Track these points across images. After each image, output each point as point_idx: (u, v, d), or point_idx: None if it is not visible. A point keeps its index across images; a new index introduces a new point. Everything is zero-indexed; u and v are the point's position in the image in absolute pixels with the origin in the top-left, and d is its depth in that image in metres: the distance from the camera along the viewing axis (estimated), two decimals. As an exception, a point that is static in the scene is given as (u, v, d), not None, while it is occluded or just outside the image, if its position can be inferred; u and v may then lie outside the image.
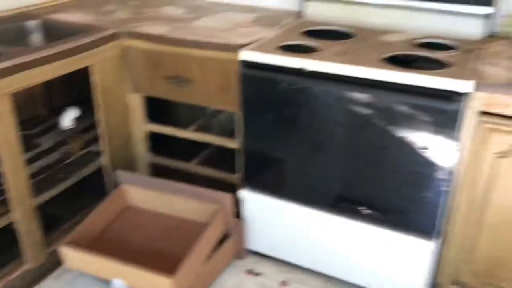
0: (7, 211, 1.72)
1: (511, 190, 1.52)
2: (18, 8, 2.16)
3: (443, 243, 1.70)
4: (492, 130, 1.48)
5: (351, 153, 1.69)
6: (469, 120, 1.50)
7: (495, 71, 1.54)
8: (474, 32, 1.85)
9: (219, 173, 2.09)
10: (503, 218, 1.57)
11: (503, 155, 1.50)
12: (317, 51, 1.73)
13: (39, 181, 1.89)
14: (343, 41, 1.83)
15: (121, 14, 2.19)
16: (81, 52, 1.80)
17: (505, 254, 1.61)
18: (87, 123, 2.21)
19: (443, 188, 1.58)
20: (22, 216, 1.74)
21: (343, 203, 1.77)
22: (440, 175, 1.57)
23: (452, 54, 1.69)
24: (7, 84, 1.57)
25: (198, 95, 1.92)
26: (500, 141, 1.48)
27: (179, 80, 1.92)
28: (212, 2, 2.38)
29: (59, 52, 1.72)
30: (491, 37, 1.86)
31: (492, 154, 1.51)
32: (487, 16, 1.82)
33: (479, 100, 1.46)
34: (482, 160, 1.53)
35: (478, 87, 1.45)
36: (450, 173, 1.56)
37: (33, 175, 1.88)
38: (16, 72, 1.59)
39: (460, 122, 1.49)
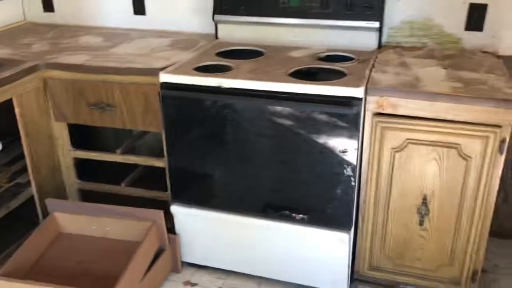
0: None
1: (406, 179, 1.75)
2: None
3: (358, 234, 1.89)
4: (388, 128, 1.70)
5: (271, 163, 1.84)
6: (368, 121, 1.71)
7: (385, 77, 1.76)
8: (368, 44, 2.08)
9: (151, 192, 2.17)
10: (403, 204, 1.79)
11: (399, 149, 1.71)
12: (231, 69, 1.88)
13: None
14: (254, 59, 1.99)
15: (39, 46, 2.23)
16: (1, 86, 1.83)
17: (411, 236, 1.83)
18: (13, 155, 2.21)
19: (353, 184, 1.77)
20: (-49, 253, 1.73)
21: (271, 208, 1.91)
22: (349, 172, 1.75)
23: (350, 64, 1.90)
24: None
25: (122, 119, 2.01)
26: (394, 138, 1.70)
27: (102, 106, 2.00)
28: (128, 29, 2.47)
29: (-23, 88, 1.75)
30: (383, 47, 2.11)
31: (390, 149, 1.73)
32: (377, 29, 2.06)
33: (372, 104, 1.67)
34: (383, 155, 1.74)
35: (370, 92, 1.66)
36: (358, 169, 1.76)
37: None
38: None
39: (360, 123, 1.69)
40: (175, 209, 2.03)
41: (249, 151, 1.84)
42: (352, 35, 2.10)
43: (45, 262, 1.96)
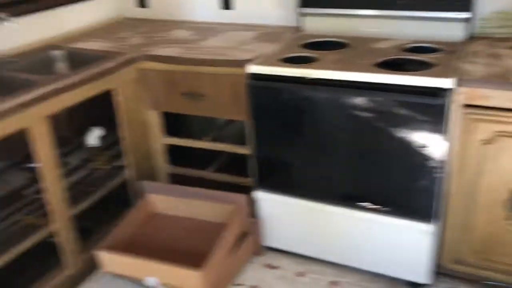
0: (46, 223, 1.91)
1: (498, 173, 1.71)
2: (42, 40, 2.36)
3: (442, 226, 1.88)
4: (476, 120, 1.68)
5: (354, 154, 1.87)
6: (455, 112, 1.69)
7: (474, 68, 1.74)
8: (456, 35, 2.05)
9: (233, 177, 2.28)
10: (494, 197, 1.75)
11: (488, 141, 1.69)
12: (315, 61, 1.93)
13: (73, 194, 2.08)
14: (338, 50, 2.03)
15: (135, 39, 2.40)
16: (105, 76, 2.01)
17: (498, 230, 1.79)
18: (109, 140, 2.40)
19: (437, 176, 1.76)
20: (61, 226, 1.93)
21: (351, 199, 1.95)
22: (433, 164, 1.75)
23: (437, 55, 1.88)
24: (44, 108, 1.78)
25: (211, 108, 2.12)
26: (484, 130, 1.67)
27: (193, 95, 2.12)
28: (216, 23, 2.60)
29: (86, 77, 1.93)
30: (471, 38, 2.06)
31: (478, 141, 1.70)
32: (466, 20, 2.02)
33: (462, 95, 1.66)
34: (470, 147, 1.72)
35: (460, 83, 1.65)
36: (442, 161, 1.75)
37: (67, 189, 2.07)
38: (51, 97, 1.80)
39: (447, 114, 1.68)
40: (259, 194, 2.12)
41: (331, 142, 1.89)
42: (439, 26, 2.07)
43: (139, 239, 2.13)
